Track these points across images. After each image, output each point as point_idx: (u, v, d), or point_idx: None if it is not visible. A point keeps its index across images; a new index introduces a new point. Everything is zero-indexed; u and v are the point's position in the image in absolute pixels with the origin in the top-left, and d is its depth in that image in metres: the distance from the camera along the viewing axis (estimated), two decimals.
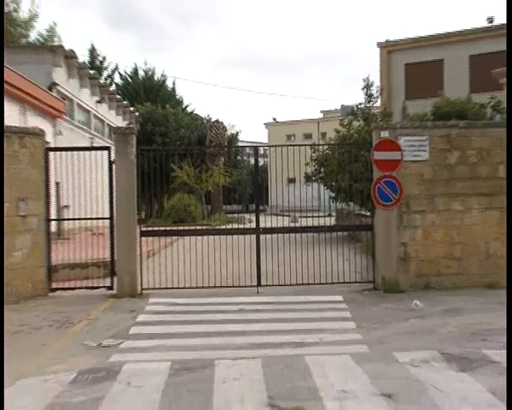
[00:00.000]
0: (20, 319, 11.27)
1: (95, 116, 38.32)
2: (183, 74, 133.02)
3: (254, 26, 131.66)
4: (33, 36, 46.84)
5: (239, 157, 64.64)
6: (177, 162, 37.92)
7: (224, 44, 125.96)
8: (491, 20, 39.17)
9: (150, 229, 16.55)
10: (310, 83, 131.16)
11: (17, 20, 46.04)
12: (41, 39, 46.66)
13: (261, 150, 56.97)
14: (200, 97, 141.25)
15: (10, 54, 26.90)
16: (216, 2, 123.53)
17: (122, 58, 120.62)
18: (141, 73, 63.86)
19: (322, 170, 27.99)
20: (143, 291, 13.67)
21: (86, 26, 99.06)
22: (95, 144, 31.08)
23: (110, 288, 13.78)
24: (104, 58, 61.63)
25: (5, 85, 22.93)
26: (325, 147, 28.04)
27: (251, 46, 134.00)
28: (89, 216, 14.51)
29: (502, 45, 36.77)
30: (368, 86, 28.06)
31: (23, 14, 46.71)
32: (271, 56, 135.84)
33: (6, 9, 45.13)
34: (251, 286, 13.90)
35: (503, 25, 38.06)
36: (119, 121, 42.81)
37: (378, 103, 31.16)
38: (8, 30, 43.37)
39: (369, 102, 28.03)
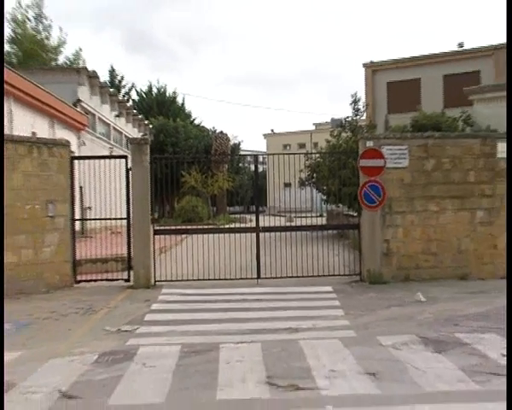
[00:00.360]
0: (49, 307, 11.34)
1: (114, 128, 38.41)
2: (192, 91, 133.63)
3: (253, 49, 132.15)
4: (61, 59, 47.25)
5: (241, 164, 64.68)
6: (186, 169, 37.90)
7: (226, 65, 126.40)
8: (461, 44, 39.90)
9: (162, 228, 16.55)
10: (303, 98, 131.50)
11: (48, 46, 46.41)
12: (68, 62, 46.88)
13: (260, 158, 56.84)
14: (207, 111, 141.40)
15: (41, 75, 27.24)
16: (218, 28, 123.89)
17: (138, 78, 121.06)
18: (154, 91, 63.85)
19: (315, 175, 27.99)
20: (157, 283, 13.70)
21: (107, 51, 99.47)
22: (114, 153, 31.07)
23: (127, 280, 13.80)
24: (122, 78, 61.79)
25: (37, 103, 23.09)
26: (317, 155, 28.09)
27: (250, 66, 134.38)
28: (108, 217, 14.52)
29: (471, 66, 37.30)
30: (355, 102, 28.22)
31: (53, 41, 47.22)
32: (269, 75, 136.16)
33: (39, 37, 45.48)
34: (251, 278, 13.92)
35: (472, 49, 38.50)
36: (135, 133, 42.86)
37: (364, 117, 31.18)
38: (39, 55, 43.72)
39: (355, 116, 28.13)
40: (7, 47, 44.57)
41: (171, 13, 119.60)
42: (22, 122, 21.37)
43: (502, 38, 47.60)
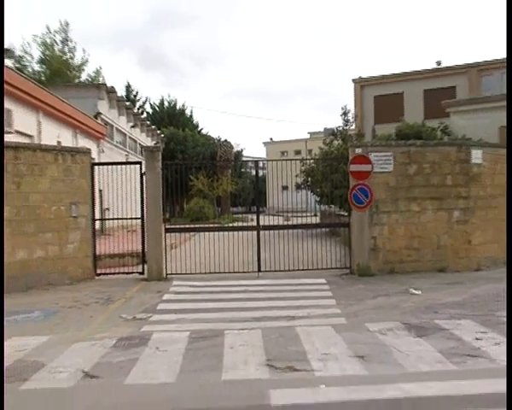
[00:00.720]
0: (73, 297, 11.37)
1: (129, 137, 38.41)
2: (199, 104, 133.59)
3: (254, 66, 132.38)
4: (84, 77, 47.51)
5: (243, 169, 64.64)
6: (194, 173, 37.93)
7: (230, 80, 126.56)
8: (439, 63, 40.10)
9: (173, 226, 16.54)
10: (299, 110, 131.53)
11: (72, 66, 46.89)
12: (89, 79, 47.11)
13: (260, 164, 56.69)
14: (212, 122, 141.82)
15: (66, 91, 27.46)
16: (223, 48, 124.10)
17: (151, 92, 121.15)
18: (165, 104, 63.79)
19: (309, 179, 27.95)
20: (168, 276, 13.70)
21: (124, 68, 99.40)
22: (129, 160, 31.10)
23: (141, 273, 13.80)
24: (137, 92, 61.68)
25: (62, 115, 23.13)
26: (311, 161, 28.09)
27: (251, 82, 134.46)
28: (125, 217, 14.53)
29: (447, 82, 37.46)
30: (345, 113, 28.21)
31: (77, 60, 47.68)
32: (268, 89, 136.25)
33: (64, 58, 45.89)
34: (253, 272, 13.90)
35: (448, 67, 38.68)
36: (148, 141, 42.83)
37: (353, 126, 31.14)
38: (65, 73, 44.25)
39: (346, 126, 28.10)
40: (37, 67, 45.36)
41: (181, 35, 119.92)
42: (49, 133, 21.40)
43: (474, 58, 47.81)
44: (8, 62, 21.00)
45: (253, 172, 16.96)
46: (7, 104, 17.52)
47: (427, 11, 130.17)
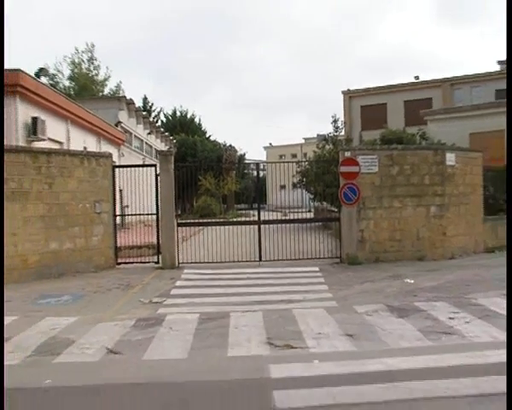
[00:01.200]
0: (97, 283, 11.39)
1: (146, 143, 38.38)
2: (207, 113, 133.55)
3: (253, 79, 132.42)
4: (106, 90, 47.77)
5: (246, 170, 64.47)
6: (202, 175, 37.85)
7: (233, 92, 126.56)
8: (417, 77, 40.21)
9: (184, 221, 16.56)
10: (295, 118, 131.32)
11: (97, 81, 47.31)
12: (111, 92, 47.33)
13: (261, 166, 56.60)
14: (219, 129, 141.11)
15: (91, 103, 27.59)
16: (227, 64, 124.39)
17: (165, 103, 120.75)
18: (178, 114, 63.60)
19: (304, 179, 27.86)
20: (180, 265, 13.69)
21: (140, 83, 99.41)
22: (146, 162, 31.10)
23: (157, 262, 13.77)
24: (153, 104, 61.57)
25: (88, 124, 23.15)
26: (306, 163, 27.99)
27: (253, 93, 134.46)
28: (142, 213, 14.53)
29: (425, 94, 37.61)
30: (335, 121, 28.01)
31: (101, 76, 47.97)
32: (267, 100, 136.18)
33: (90, 74, 46.17)
34: (254, 261, 13.87)
35: (425, 81, 38.88)
36: (162, 146, 42.75)
37: (342, 133, 31.06)
38: (90, 87, 44.84)
39: (336, 132, 27.92)
40: (67, 83, 45.81)
41: (190, 53, 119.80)
42: (76, 139, 21.40)
43: (447, 74, 47.78)
44: (43, 80, 21.01)
45: (255, 173, 16.98)
46: (42, 116, 17.59)
47: (408, 33, 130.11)
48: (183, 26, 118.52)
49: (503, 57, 37.98)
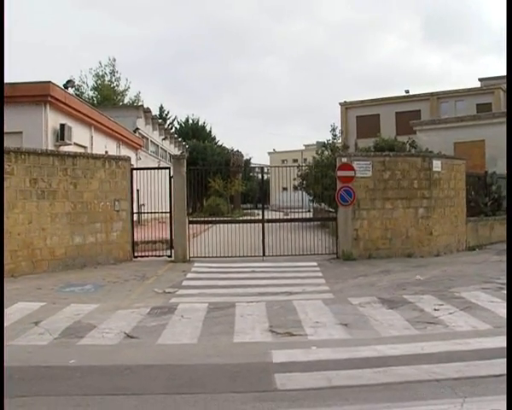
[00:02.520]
0: (116, 274, 11.40)
1: (161, 148, 38.36)
2: (216, 120, 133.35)
3: (259, 90, 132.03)
4: (126, 100, 47.80)
5: (251, 174, 64.39)
6: (211, 177, 37.87)
7: (240, 102, 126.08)
8: (407, 91, 40.15)
9: (195, 219, 16.58)
10: (297, 126, 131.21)
11: (117, 91, 47.35)
12: (130, 101, 47.39)
13: (265, 169, 56.53)
14: (227, 135, 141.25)
15: (112, 111, 27.68)
16: (234, 76, 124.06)
17: (179, 112, 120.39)
18: (190, 121, 63.64)
19: (304, 182, 27.81)
20: (191, 259, 13.66)
21: (156, 93, 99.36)
22: (161, 165, 31.11)
23: (169, 256, 13.76)
24: (168, 112, 61.41)
25: (109, 130, 23.18)
26: (306, 168, 27.94)
27: (258, 103, 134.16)
28: (156, 211, 14.52)
29: (414, 107, 37.75)
30: (333, 129, 28.22)
31: (121, 87, 48.12)
32: (272, 109, 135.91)
33: (112, 85, 46.41)
34: (258, 256, 13.83)
35: (414, 94, 38.82)
36: (175, 151, 42.73)
37: (340, 140, 31.06)
38: (112, 97, 44.79)
39: (334, 139, 28.03)
40: (91, 93, 45.88)
41: (199, 65, 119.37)
42: (99, 144, 21.41)
43: (434, 88, 47.72)
44: (70, 90, 21.07)
45: (259, 176, 16.95)
46: (69, 122, 17.65)
47: (399, 52, 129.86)
48: (193, 42, 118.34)
49: (483, 75, 37.94)
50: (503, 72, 20.74)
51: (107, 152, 20.52)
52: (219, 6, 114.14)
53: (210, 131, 65.78)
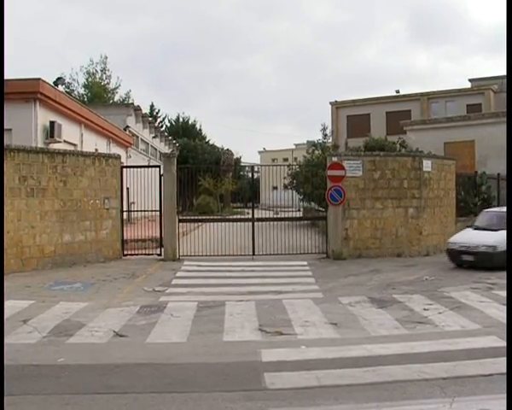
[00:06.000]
0: (105, 273, 11.35)
1: (151, 146, 38.22)
2: (207, 119, 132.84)
3: (249, 89, 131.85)
4: (116, 98, 47.74)
5: (241, 172, 64.30)
6: (202, 175, 37.74)
7: (230, 101, 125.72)
8: (398, 91, 40.26)
9: (184, 218, 16.52)
10: (288, 125, 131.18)
11: (108, 89, 47.28)
12: (121, 99, 47.29)
13: (255, 168, 56.41)
14: (217, 134, 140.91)
15: (103, 109, 27.52)
16: (223, 75, 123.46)
17: (169, 110, 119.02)
18: (180, 120, 63.43)
19: (294, 181, 27.83)
20: (180, 257, 13.59)
21: (146, 91, 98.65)
22: (151, 164, 30.99)
23: (159, 255, 13.69)
24: (158, 110, 61.17)
25: (99, 128, 23.03)
26: (296, 167, 27.98)
27: (248, 102, 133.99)
28: (146, 209, 14.45)
29: (404, 107, 37.90)
30: (324, 129, 28.35)
31: (111, 85, 48.02)
32: (262, 108, 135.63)
33: (102, 83, 46.31)
34: (248, 255, 13.84)
35: (405, 94, 39.02)
36: (165, 149, 42.56)
37: (330, 140, 31.16)
38: (102, 95, 44.73)
39: (324, 139, 28.13)
40: (81, 91, 45.75)
41: (188, 64, 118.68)
42: (89, 141, 21.26)
43: (425, 89, 48.02)
44: (60, 88, 20.93)
45: (250, 175, 16.93)
46: (58, 120, 17.53)
47: (390, 51, 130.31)
48: (181, 40, 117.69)
49: (473, 76, 38.15)
50: (492, 72, 20.89)
51: (97, 150, 20.38)
52: (207, 4, 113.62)
53: (200, 130, 65.53)
